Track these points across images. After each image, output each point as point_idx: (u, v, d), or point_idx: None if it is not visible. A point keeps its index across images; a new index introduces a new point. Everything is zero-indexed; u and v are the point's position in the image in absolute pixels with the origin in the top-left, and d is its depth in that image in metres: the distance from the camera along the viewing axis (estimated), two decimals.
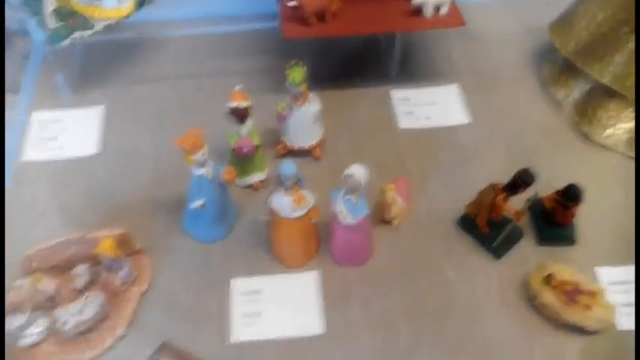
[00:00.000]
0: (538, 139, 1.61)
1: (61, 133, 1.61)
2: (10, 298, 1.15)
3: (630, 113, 1.55)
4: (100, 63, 1.79)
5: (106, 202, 1.46)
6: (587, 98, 1.61)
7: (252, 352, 1.21)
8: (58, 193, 1.48)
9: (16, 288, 1.17)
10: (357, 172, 1.19)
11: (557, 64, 1.70)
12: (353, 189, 1.20)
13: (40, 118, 1.65)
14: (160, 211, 1.45)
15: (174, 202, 1.44)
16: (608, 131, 1.57)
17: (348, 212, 1.23)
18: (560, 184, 1.35)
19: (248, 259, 1.36)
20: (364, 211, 1.24)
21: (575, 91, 1.64)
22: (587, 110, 1.61)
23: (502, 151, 1.57)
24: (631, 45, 1.49)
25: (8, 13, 1.78)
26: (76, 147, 1.58)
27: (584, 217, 1.42)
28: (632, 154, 1.55)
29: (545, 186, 1.36)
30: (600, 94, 1.58)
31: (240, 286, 1.31)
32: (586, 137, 1.60)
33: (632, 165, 1.55)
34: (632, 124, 1.55)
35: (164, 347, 0.90)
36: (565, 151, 1.58)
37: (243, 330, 1.25)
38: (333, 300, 1.30)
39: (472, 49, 1.84)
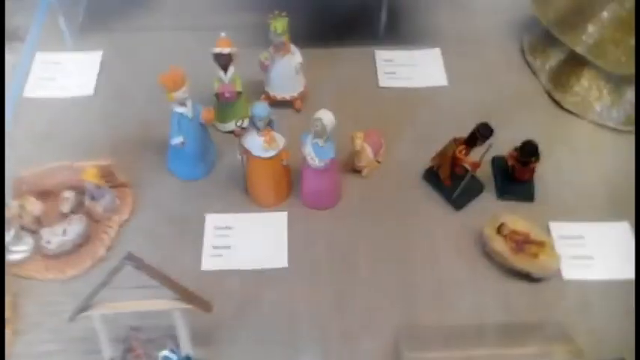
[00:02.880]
0: (512, 103, 1.67)
1: (61, 74, 1.71)
2: None
3: (602, 83, 1.61)
4: (101, 11, 1.88)
5: (98, 138, 1.56)
6: (562, 67, 1.67)
7: (220, 280, 1.32)
8: (53, 128, 1.58)
9: (5, 207, 1.27)
10: (324, 116, 1.27)
11: (536, 34, 1.75)
12: (320, 132, 1.29)
13: (43, 59, 1.75)
14: (146, 150, 1.54)
15: (161, 143, 1.52)
16: (578, 99, 1.63)
17: (315, 155, 1.32)
18: None
19: (224, 198, 1.46)
20: (330, 154, 1.32)
21: (552, 59, 1.70)
22: (560, 78, 1.67)
23: (476, 113, 1.61)
24: (605, 14, 1.55)
25: None
26: (73, 88, 1.68)
27: (547, 176, 1.50)
28: (601, 122, 1.61)
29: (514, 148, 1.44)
30: (574, 64, 1.64)
31: (214, 220, 1.41)
32: (557, 104, 1.67)
33: (599, 133, 1.61)
34: (600, 94, 1.61)
35: (130, 256, 1.00)
36: (536, 116, 1.65)
37: (213, 260, 1.35)
38: (298, 239, 1.39)
39: (458, 17, 1.89)
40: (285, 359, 1.22)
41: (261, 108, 1.29)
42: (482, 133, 1.33)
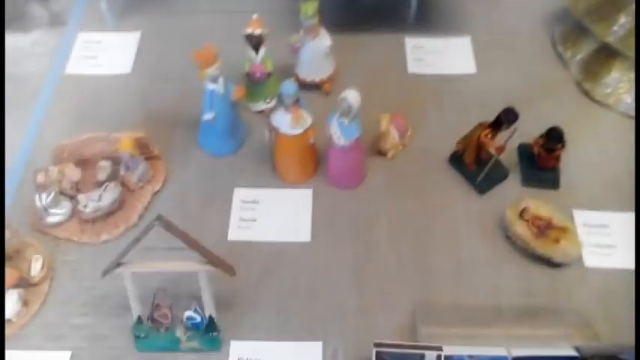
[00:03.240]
0: (541, 93, 1.67)
1: (101, 52, 1.79)
2: (40, 177, 1.32)
3: (632, 75, 1.60)
4: None
5: (133, 113, 1.63)
6: (593, 57, 1.67)
7: (245, 250, 1.37)
8: (92, 102, 1.66)
9: (46, 171, 1.34)
10: (350, 95, 1.31)
11: (568, 25, 1.75)
12: (346, 112, 1.32)
13: (84, 38, 1.83)
14: (180, 126, 1.60)
15: (194, 120, 1.58)
16: (609, 90, 1.62)
17: (341, 134, 1.35)
18: None
19: (252, 173, 1.51)
20: (356, 133, 1.35)
21: (583, 50, 1.70)
22: (591, 69, 1.66)
23: (504, 102, 1.61)
24: (636, 5, 1.54)
25: None
26: (112, 66, 1.75)
27: (574, 165, 1.50)
28: (631, 114, 1.60)
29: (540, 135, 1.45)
30: (605, 54, 1.63)
31: (241, 194, 1.46)
32: (587, 94, 1.66)
33: (628, 124, 1.60)
34: (630, 85, 1.60)
35: (160, 217, 1.05)
36: (565, 106, 1.65)
37: (240, 231, 1.40)
38: (322, 215, 1.43)
39: (489, 6, 1.90)
40: (303, 329, 1.26)
41: (289, 86, 1.33)
42: (507, 118, 1.35)
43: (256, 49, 1.51)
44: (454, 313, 1.26)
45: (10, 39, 2.30)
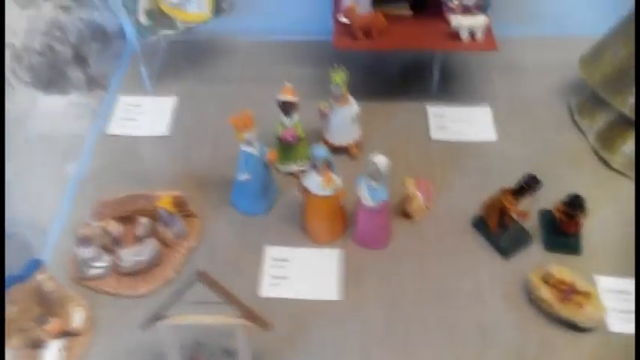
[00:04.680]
0: (560, 160, 1.74)
1: (140, 115, 1.90)
2: (84, 231, 1.39)
3: None
4: (177, 60, 2.08)
5: (170, 172, 1.71)
6: (610, 128, 1.74)
7: (276, 306, 1.41)
8: (132, 162, 1.75)
9: (90, 225, 1.41)
10: (379, 160, 1.38)
11: (584, 95, 1.83)
12: (375, 175, 1.39)
13: (125, 101, 1.94)
14: (213, 185, 1.68)
15: (226, 180, 1.66)
16: (626, 160, 1.69)
17: (369, 196, 1.42)
18: None
19: (282, 232, 1.57)
20: (384, 196, 1.42)
21: (600, 120, 1.77)
22: (608, 139, 1.73)
23: (524, 168, 1.69)
24: None
25: (107, 16, 2.12)
26: (150, 128, 1.86)
27: (594, 232, 1.54)
28: None
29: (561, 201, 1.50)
30: (622, 125, 1.70)
31: (272, 252, 1.52)
32: (605, 163, 1.72)
33: None
34: None
35: (201, 273, 1.11)
36: (584, 174, 1.71)
37: (271, 288, 1.45)
38: (350, 275, 1.48)
39: (508, 77, 2.00)
40: None
41: (320, 149, 1.41)
42: (529, 184, 1.41)
43: (288, 114, 1.61)
44: None
45: (47, 100, 2.44)
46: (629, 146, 1.69)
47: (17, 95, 2.45)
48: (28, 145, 2.40)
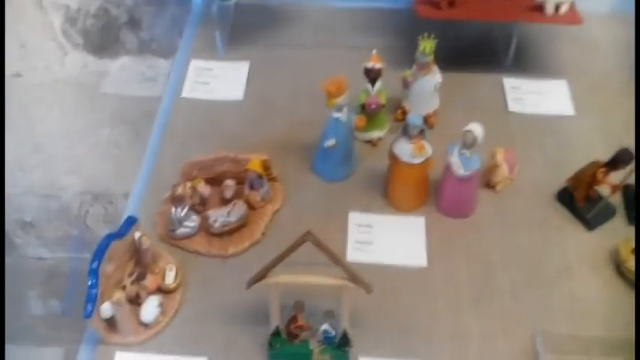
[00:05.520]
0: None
1: (213, 79, 1.89)
2: (176, 191, 1.41)
3: None
4: (247, 25, 2.06)
5: (247, 137, 1.71)
6: None
7: (364, 271, 1.39)
8: (206, 125, 1.76)
9: (181, 185, 1.43)
10: (476, 129, 1.37)
11: None
12: (469, 144, 1.39)
13: (197, 65, 1.94)
14: (291, 151, 1.68)
15: (303, 146, 1.67)
16: None
17: (461, 165, 1.42)
18: None
19: (363, 199, 1.57)
20: (476, 165, 1.41)
21: None
22: None
23: (604, 143, 1.69)
24: None
25: None
26: (224, 92, 1.85)
27: None
28: None
29: None
30: None
31: (356, 218, 1.52)
32: None
33: None
34: None
35: (309, 234, 1.11)
36: None
37: (356, 253, 1.46)
38: (436, 242, 1.48)
39: (584, 52, 1.97)
40: (426, 350, 1.30)
41: (416, 118, 1.41)
42: (623, 158, 1.40)
43: (373, 82, 1.60)
44: (575, 342, 1.29)
45: (100, 64, 2.45)
46: None
47: (69, 58, 2.46)
48: (95, 103, 2.42)
